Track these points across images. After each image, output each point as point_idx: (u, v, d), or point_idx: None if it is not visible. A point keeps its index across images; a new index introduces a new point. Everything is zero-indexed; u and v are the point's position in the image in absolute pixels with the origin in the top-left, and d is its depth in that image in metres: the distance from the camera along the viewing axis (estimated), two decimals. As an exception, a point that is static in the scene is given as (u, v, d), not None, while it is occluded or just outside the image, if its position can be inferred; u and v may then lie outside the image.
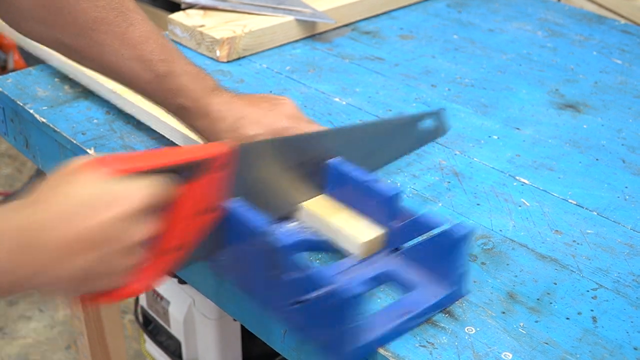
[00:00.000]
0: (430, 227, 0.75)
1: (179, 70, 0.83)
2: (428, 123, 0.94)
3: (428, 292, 0.73)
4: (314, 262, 0.80)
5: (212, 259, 0.78)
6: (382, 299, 0.75)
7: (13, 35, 1.20)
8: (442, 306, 0.74)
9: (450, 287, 0.74)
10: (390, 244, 0.79)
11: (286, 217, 0.83)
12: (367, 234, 0.78)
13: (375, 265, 0.77)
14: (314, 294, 0.67)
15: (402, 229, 0.77)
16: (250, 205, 0.72)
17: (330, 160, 0.82)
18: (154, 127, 0.98)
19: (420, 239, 0.76)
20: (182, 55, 0.86)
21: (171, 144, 0.96)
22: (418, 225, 0.76)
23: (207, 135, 0.84)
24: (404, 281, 0.75)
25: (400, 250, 0.78)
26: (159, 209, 0.63)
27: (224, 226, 0.74)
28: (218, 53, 1.19)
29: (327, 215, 0.81)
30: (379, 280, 0.76)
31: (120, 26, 0.81)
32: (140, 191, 0.61)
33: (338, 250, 0.80)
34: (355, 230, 0.78)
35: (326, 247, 0.81)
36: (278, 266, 0.69)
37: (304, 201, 0.82)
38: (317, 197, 0.83)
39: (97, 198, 0.59)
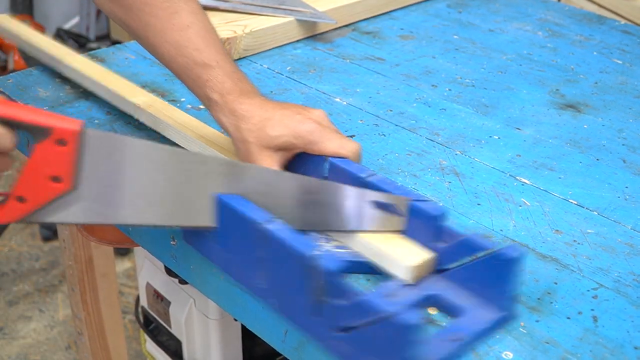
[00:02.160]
0: (477, 249, 0.71)
1: (213, 63, 0.85)
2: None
3: (477, 316, 0.70)
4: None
5: (252, 284, 0.75)
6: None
7: (12, 39, 1.20)
8: (492, 332, 0.70)
9: (500, 311, 0.71)
10: (437, 265, 0.75)
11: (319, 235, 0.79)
12: (417, 258, 0.73)
13: (421, 287, 0.73)
14: (366, 321, 0.63)
15: (448, 250, 0.73)
16: (290, 227, 0.70)
17: (369, 178, 0.79)
18: (153, 127, 0.98)
19: (466, 260, 0.72)
20: (224, 52, 0.88)
21: (172, 144, 0.96)
22: (465, 246, 0.72)
23: (231, 131, 0.84)
24: (453, 305, 0.72)
25: (446, 271, 0.74)
26: None
27: (264, 248, 0.71)
28: (219, 53, 1.19)
29: (370, 237, 0.77)
30: (426, 303, 0.72)
31: (166, 11, 0.86)
32: None
33: (378, 272, 0.76)
34: (404, 254, 0.74)
35: (366, 269, 0.77)
36: (326, 291, 0.66)
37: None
38: None
39: None
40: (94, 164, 0.72)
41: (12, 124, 0.70)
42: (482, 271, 0.70)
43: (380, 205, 0.77)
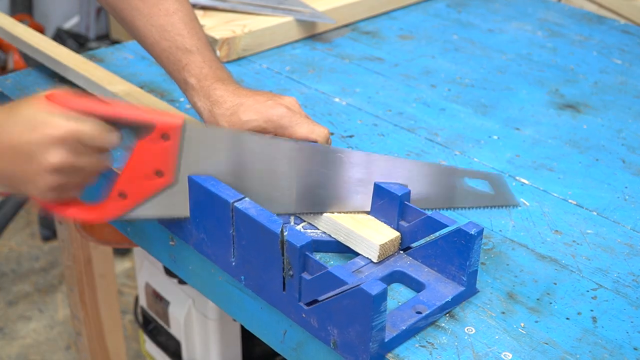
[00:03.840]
0: (439, 227, 0.75)
1: (193, 49, 0.89)
2: (480, 184, 0.85)
3: (439, 290, 0.74)
4: (328, 262, 0.80)
5: (224, 262, 0.78)
6: (394, 299, 0.75)
7: (11, 40, 1.20)
8: (453, 305, 0.74)
9: (461, 286, 0.74)
10: (401, 243, 0.79)
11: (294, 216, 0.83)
12: (382, 237, 0.77)
13: (386, 265, 0.77)
14: (335, 293, 0.66)
15: (412, 229, 0.77)
16: (259, 205, 0.73)
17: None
18: None
19: (429, 238, 0.76)
20: (205, 40, 0.92)
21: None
22: (427, 224, 0.76)
23: (205, 116, 0.88)
24: (416, 280, 0.75)
25: (410, 249, 0.78)
26: (91, 147, 0.72)
27: (235, 226, 0.74)
28: (218, 53, 1.19)
29: (339, 217, 0.80)
30: (391, 279, 0.76)
31: None
32: (66, 124, 0.70)
33: (347, 251, 0.79)
34: (370, 233, 0.78)
35: (338, 248, 0.80)
36: (294, 266, 0.69)
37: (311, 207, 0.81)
38: None
39: (28, 121, 0.70)
40: (194, 157, 0.75)
41: (115, 122, 0.72)
42: (443, 248, 0.74)
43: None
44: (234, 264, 0.77)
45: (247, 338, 1.39)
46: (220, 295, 0.84)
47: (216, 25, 1.23)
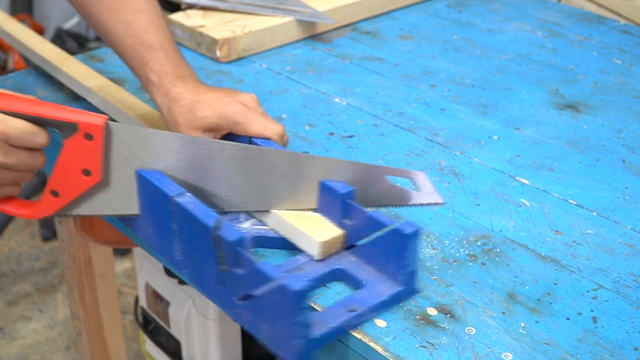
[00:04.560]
0: (379, 225, 0.75)
1: (157, 46, 0.90)
2: (403, 182, 0.87)
3: (377, 289, 0.74)
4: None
5: (169, 256, 0.79)
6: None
7: (10, 40, 1.20)
8: (391, 304, 0.74)
9: (400, 285, 0.74)
10: (345, 241, 0.79)
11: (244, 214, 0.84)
12: (325, 234, 0.78)
13: (328, 262, 0.78)
14: (261, 289, 0.67)
15: (355, 227, 0.78)
16: (199, 199, 0.74)
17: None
18: (102, 109, 1.02)
19: (371, 237, 0.76)
20: (170, 38, 0.92)
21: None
22: (369, 223, 0.76)
23: (164, 112, 0.89)
24: (355, 279, 0.76)
25: (354, 247, 0.79)
26: (19, 146, 0.73)
27: (176, 221, 0.75)
28: (218, 53, 1.19)
29: (284, 215, 0.81)
30: (331, 277, 0.77)
31: None
32: None
33: (294, 248, 0.80)
34: (314, 231, 0.78)
35: (284, 245, 0.81)
36: (226, 261, 0.70)
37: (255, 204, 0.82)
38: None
39: None
40: (122, 157, 0.76)
41: (41, 122, 0.74)
42: (383, 247, 0.74)
43: None
44: (176, 257, 0.78)
45: (247, 338, 1.39)
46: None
47: (216, 25, 1.23)
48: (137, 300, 1.55)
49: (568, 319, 0.74)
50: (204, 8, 1.28)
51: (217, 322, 1.33)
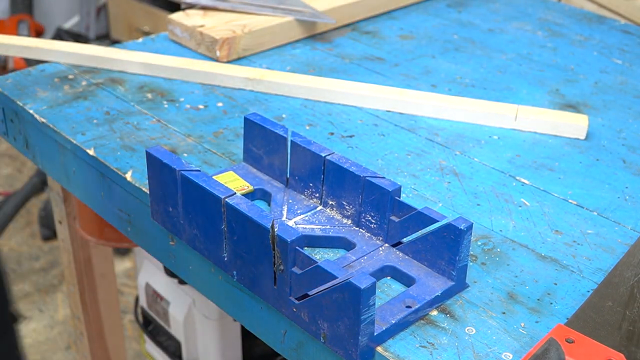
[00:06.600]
0: (430, 222, 0.75)
1: None
2: None
3: (429, 285, 0.74)
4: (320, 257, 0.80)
5: (216, 257, 0.78)
6: (384, 293, 0.75)
7: (9, 39, 1.20)
8: (443, 300, 0.74)
9: (450, 281, 0.75)
10: (391, 238, 0.79)
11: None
12: None
13: (377, 259, 0.78)
14: (325, 287, 0.67)
15: (402, 224, 0.78)
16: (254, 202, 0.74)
17: (328, 156, 0.83)
18: None
19: (420, 233, 0.77)
20: None
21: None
22: (418, 219, 0.76)
23: None
24: (405, 275, 0.76)
25: (401, 244, 0.79)
26: None
27: (227, 222, 0.74)
28: (218, 53, 1.19)
29: None
30: (380, 274, 0.77)
31: None
32: None
33: (338, 246, 0.80)
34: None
35: (326, 243, 0.81)
36: (284, 260, 0.70)
37: None
38: None
39: None
40: None
41: None
42: (433, 243, 0.75)
43: None
44: (226, 259, 0.78)
45: (247, 338, 1.39)
46: (221, 295, 0.84)
47: (216, 25, 1.23)
48: (137, 300, 1.55)
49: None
50: (204, 8, 1.28)
51: (217, 322, 1.33)
